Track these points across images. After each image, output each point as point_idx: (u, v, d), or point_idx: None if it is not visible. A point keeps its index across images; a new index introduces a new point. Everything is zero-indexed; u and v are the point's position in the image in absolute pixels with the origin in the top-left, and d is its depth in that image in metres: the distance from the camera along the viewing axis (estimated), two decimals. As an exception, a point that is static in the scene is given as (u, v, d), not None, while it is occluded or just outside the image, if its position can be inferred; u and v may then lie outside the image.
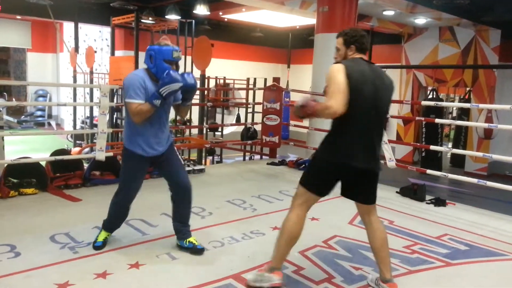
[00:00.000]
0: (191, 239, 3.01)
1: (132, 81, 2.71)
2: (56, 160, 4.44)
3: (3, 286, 2.43)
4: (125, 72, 8.47)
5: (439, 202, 4.52)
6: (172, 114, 9.46)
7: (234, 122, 10.68)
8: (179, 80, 2.70)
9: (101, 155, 4.52)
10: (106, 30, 11.71)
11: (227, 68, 11.85)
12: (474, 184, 4.39)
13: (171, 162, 2.97)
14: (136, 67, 8.28)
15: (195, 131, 8.40)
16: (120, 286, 2.49)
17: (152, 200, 4.20)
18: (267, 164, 6.27)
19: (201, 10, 8.61)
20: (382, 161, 2.55)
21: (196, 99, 8.88)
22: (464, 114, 10.60)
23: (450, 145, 11.45)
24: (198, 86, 7.84)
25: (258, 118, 6.99)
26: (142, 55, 9.34)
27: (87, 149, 7.91)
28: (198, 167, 5.55)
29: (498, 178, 8.87)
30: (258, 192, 4.66)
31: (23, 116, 14.66)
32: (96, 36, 12.70)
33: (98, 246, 2.97)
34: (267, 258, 2.93)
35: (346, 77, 2.29)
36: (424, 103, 6.24)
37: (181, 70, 3.00)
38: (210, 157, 8.67)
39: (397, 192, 4.91)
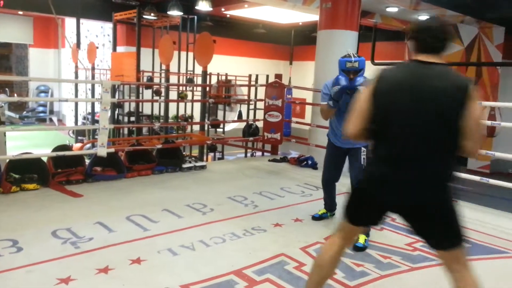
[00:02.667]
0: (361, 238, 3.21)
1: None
2: (57, 155, 4.44)
3: (5, 281, 2.43)
4: (127, 68, 8.52)
5: (441, 199, 4.50)
6: (173, 110, 9.34)
7: (235, 118, 10.68)
8: (340, 83, 3.20)
9: (102, 151, 4.52)
10: (108, 26, 11.69)
11: (229, 65, 11.83)
12: (476, 182, 4.38)
13: (352, 162, 3.48)
14: (138, 63, 8.27)
15: (196, 127, 8.40)
16: (122, 281, 2.49)
17: (154, 196, 4.21)
18: (269, 161, 6.26)
19: (203, 6, 8.58)
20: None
21: (197, 95, 8.92)
22: (467, 111, 10.56)
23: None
24: (200, 82, 7.87)
25: (260, 114, 6.98)
26: (143, 51, 9.33)
27: (88, 145, 7.92)
28: (199, 163, 5.54)
29: (501, 176, 8.84)
30: (259, 188, 4.65)
31: (25, 112, 14.67)
32: (98, 32, 12.69)
33: (316, 218, 3.73)
34: (268, 254, 2.94)
35: (372, 93, 1.87)
36: (426, 100, 6.21)
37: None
38: (212, 154, 8.67)
39: (399, 189, 4.89)
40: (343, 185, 5.07)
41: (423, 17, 9.28)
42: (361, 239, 3.19)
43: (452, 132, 1.78)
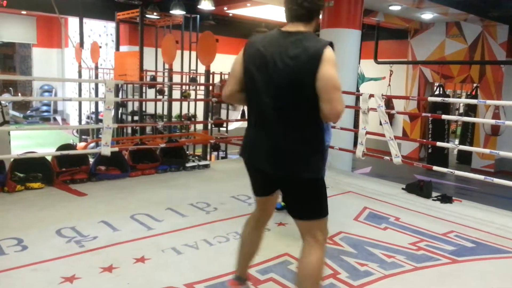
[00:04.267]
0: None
1: None
2: (62, 155, 4.45)
3: (10, 279, 2.44)
4: (130, 68, 8.53)
5: (445, 199, 4.49)
6: (177, 109, 9.28)
7: (239, 117, 10.68)
8: None
9: (106, 150, 4.53)
10: (110, 25, 11.71)
11: (232, 64, 11.82)
12: (481, 181, 4.36)
13: None
14: (141, 62, 8.27)
15: (200, 126, 8.39)
16: (126, 280, 2.50)
17: (158, 195, 4.22)
18: (272, 159, 6.25)
19: (205, 5, 8.58)
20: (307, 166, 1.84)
21: (201, 94, 8.91)
22: (471, 110, 10.53)
23: (456, 141, 11.39)
24: (203, 81, 7.88)
25: (263, 113, 6.96)
26: (147, 51, 9.29)
27: (92, 144, 7.93)
28: (203, 162, 5.55)
29: (505, 175, 8.82)
30: (263, 187, 4.65)
31: (29, 111, 14.72)
32: (101, 31, 12.71)
33: (278, 208, 3.42)
34: (272, 252, 2.94)
35: (242, 57, 1.93)
36: (430, 99, 6.19)
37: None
38: (215, 153, 8.67)
39: (403, 188, 4.88)
40: (349, 184, 5.06)
41: (426, 15, 9.26)
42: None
43: (307, 99, 1.77)
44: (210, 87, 7.32)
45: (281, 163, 1.85)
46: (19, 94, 15.09)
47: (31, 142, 10.15)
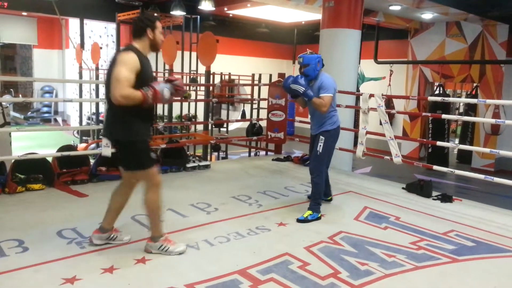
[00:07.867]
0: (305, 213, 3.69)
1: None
2: (62, 156, 4.47)
3: (11, 281, 2.45)
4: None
5: (445, 198, 4.50)
6: (177, 109, 9.30)
7: (239, 118, 10.68)
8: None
9: (107, 151, 4.52)
10: (111, 26, 11.72)
11: (232, 64, 11.83)
12: (481, 180, 4.36)
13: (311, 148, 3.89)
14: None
15: (200, 127, 8.41)
16: (127, 281, 2.51)
17: (158, 196, 4.21)
18: (273, 160, 6.27)
19: (206, 5, 8.60)
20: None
21: (201, 95, 8.92)
22: (471, 110, 10.53)
23: (456, 141, 11.39)
24: (203, 82, 7.89)
25: (263, 114, 6.98)
26: (147, 51, 9.21)
27: (93, 145, 7.94)
28: (203, 163, 5.56)
29: (505, 174, 8.81)
30: (263, 188, 4.66)
31: (30, 112, 14.74)
32: (101, 32, 12.72)
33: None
34: (272, 253, 2.95)
35: None
36: (430, 98, 6.21)
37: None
38: (216, 153, 8.68)
39: (403, 188, 4.88)
40: (349, 184, 5.06)
41: (426, 15, 9.26)
42: (305, 213, 3.64)
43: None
44: (211, 88, 7.33)
45: (107, 130, 2.85)
46: (20, 95, 15.10)
47: (32, 143, 10.16)
